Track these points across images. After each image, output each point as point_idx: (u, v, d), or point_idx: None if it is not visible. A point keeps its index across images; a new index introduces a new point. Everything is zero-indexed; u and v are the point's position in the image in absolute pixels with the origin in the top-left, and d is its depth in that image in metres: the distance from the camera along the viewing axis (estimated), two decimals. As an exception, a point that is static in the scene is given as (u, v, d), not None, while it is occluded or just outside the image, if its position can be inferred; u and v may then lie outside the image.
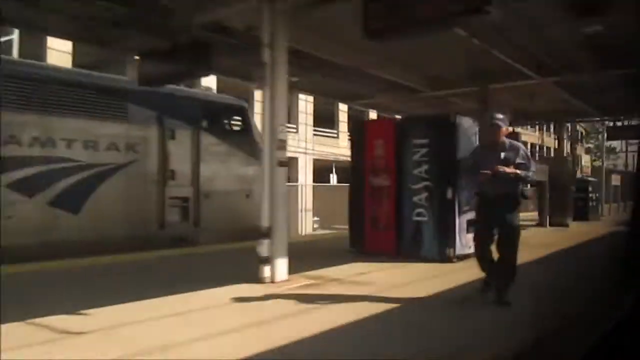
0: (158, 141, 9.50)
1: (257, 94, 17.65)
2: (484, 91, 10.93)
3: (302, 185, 21.65)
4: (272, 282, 5.72)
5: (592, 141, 64.22)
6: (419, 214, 7.73)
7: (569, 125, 16.83)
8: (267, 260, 5.73)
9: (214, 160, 10.49)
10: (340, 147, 26.05)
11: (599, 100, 14.02)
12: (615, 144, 49.05)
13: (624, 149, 40.38)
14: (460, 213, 7.52)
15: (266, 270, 5.74)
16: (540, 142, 46.79)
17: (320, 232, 19.53)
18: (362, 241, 8.26)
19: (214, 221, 10.20)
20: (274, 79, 5.89)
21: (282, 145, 5.92)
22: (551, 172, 14.81)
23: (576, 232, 13.42)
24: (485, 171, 4.56)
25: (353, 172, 8.64)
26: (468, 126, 7.79)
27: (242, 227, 9.15)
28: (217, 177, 10.53)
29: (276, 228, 5.80)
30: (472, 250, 7.78)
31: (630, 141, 33.78)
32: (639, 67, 10.32)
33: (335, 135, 28.27)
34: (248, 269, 5.89)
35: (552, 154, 43.56)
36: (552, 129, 44.89)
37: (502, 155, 4.68)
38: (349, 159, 9.15)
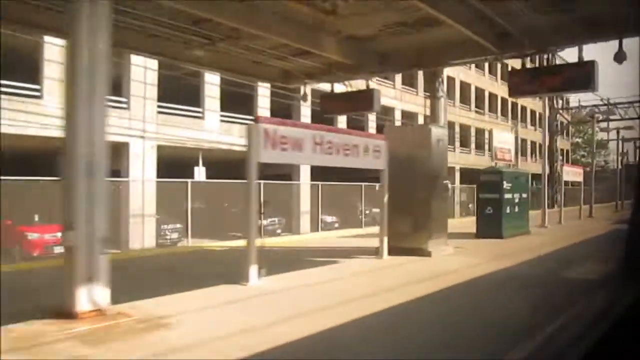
0: None
1: None
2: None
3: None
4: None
5: (580, 135, 57.19)
6: None
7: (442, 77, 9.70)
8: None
9: None
10: (206, 130, 19.75)
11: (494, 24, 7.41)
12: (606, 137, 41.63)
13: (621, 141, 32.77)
14: None
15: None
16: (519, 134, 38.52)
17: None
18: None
19: None
20: None
21: None
22: (396, 156, 8.17)
23: (418, 275, 6.84)
24: None
25: None
26: None
27: None
28: None
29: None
30: None
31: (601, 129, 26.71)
32: None
33: (200, 115, 21.68)
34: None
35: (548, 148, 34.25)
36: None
37: None
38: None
